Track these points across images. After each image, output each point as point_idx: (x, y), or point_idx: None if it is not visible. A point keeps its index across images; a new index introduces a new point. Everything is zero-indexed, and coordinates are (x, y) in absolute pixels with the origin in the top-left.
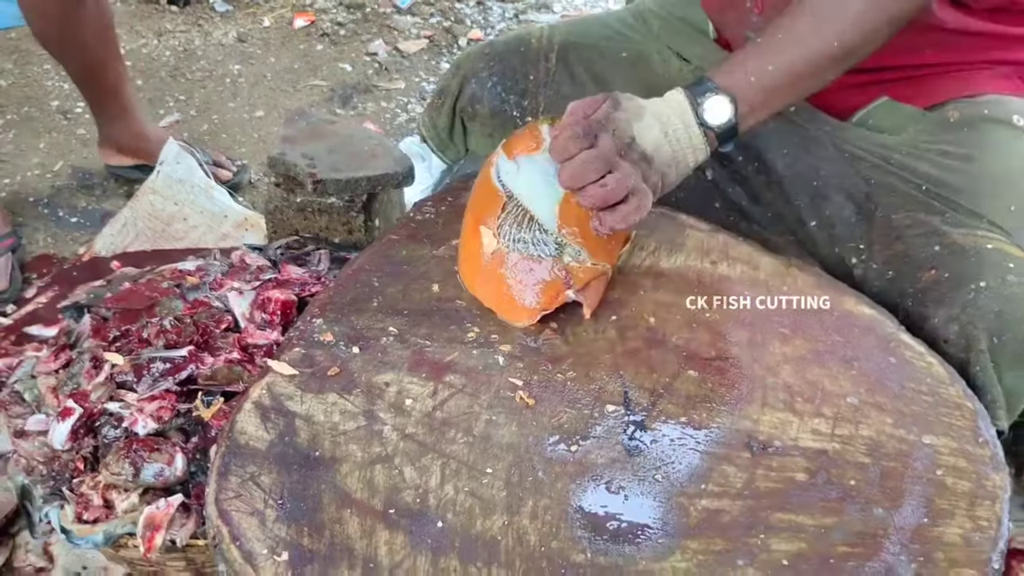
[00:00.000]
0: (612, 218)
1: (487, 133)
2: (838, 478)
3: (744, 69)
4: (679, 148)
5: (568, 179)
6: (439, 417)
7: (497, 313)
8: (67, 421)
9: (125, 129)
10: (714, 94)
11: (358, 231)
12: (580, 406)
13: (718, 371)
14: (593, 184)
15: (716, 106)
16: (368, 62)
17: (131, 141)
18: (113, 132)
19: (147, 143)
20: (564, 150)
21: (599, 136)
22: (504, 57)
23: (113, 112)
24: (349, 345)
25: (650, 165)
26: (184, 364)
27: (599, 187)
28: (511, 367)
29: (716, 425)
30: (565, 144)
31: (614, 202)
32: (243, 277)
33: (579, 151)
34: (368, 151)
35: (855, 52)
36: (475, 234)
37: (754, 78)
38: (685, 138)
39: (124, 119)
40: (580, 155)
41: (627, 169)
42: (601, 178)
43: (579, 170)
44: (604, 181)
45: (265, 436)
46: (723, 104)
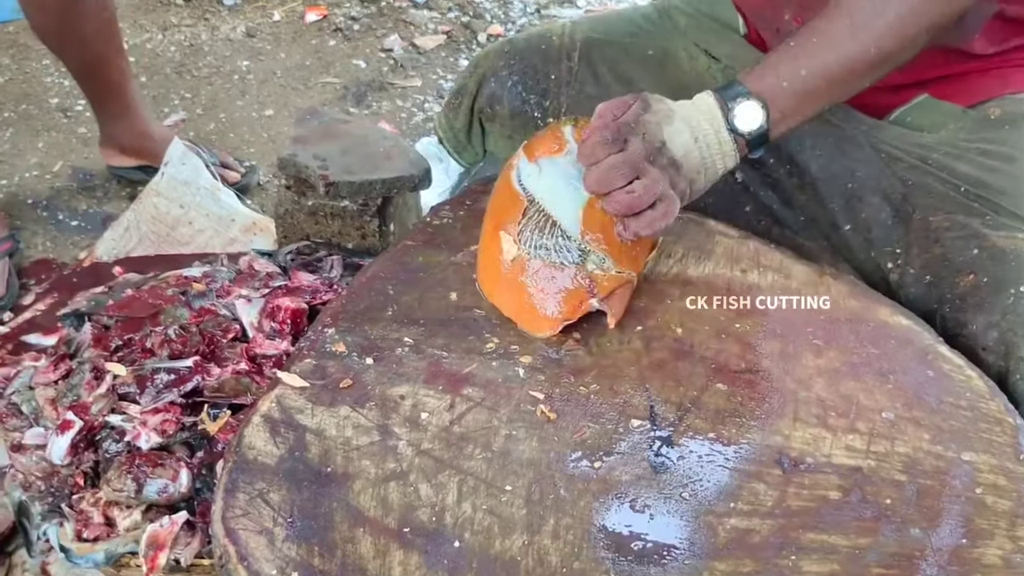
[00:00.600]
0: (637, 224)
1: (506, 134)
2: (873, 497)
3: (777, 73)
4: (708, 154)
5: (594, 184)
6: (456, 432)
7: (517, 323)
8: (66, 435)
9: (128, 128)
10: (745, 99)
11: (372, 236)
12: (604, 421)
13: (748, 384)
14: (620, 190)
15: (747, 112)
16: (383, 58)
17: (134, 141)
18: (115, 131)
19: (151, 143)
20: (592, 154)
21: (628, 140)
22: (524, 55)
23: (115, 110)
24: (362, 356)
25: (679, 171)
26: (189, 375)
27: (626, 193)
28: (532, 379)
29: (746, 441)
30: (593, 148)
31: (641, 209)
32: (251, 284)
33: (607, 155)
34: (383, 152)
35: (892, 59)
36: (494, 240)
37: (787, 83)
38: (715, 144)
39: (127, 118)
40: (608, 159)
41: (655, 175)
42: (628, 183)
43: (606, 175)
44: (631, 187)
45: (274, 451)
46: (754, 110)
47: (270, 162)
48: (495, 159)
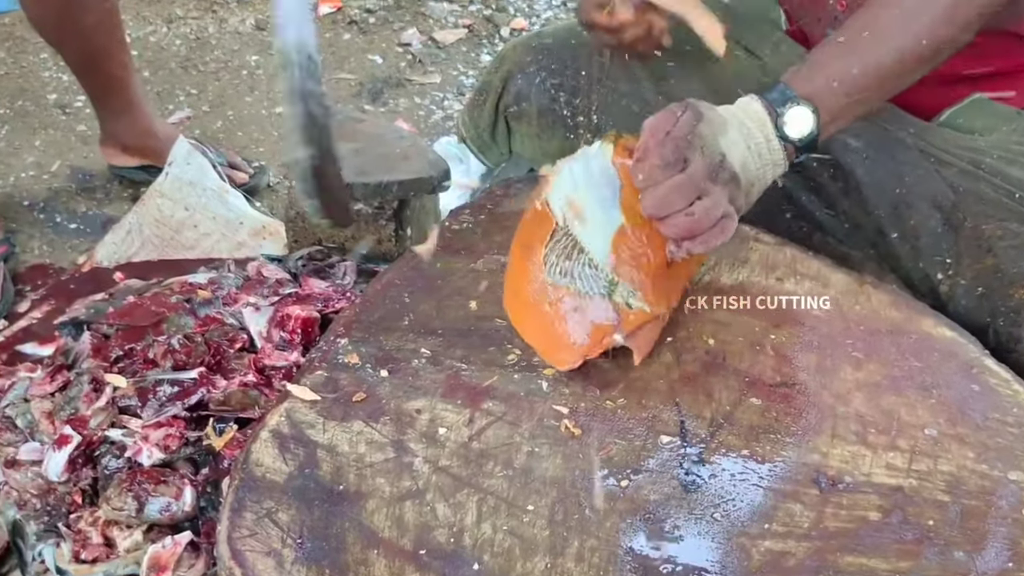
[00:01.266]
0: (693, 245)
1: (534, 133)
2: (915, 518)
3: (825, 74)
4: (760, 164)
5: (653, 208)
6: (476, 448)
7: (538, 352)
8: (64, 450)
9: (130, 125)
10: (795, 104)
11: (388, 241)
12: (631, 437)
13: (784, 399)
14: (679, 212)
15: (797, 117)
16: (400, 53)
17: (137, 139)
18: (117, 129)
19: (155, 141)
20: (650, 177)
21: (689, 159)
22: (553, 50)
23: (117, 106)
24: (377, 368)
25: (738, 186)
26: (194, 388)
27: (685, 216)
28: (556, 393)
29: (781, 459)
30: (651, 170)
31: (701, 232)
32: (260, 291)
33: (667, 177)
34: (399, 152)
35: (946, 47)
36: (520, 261)
37: (837, 83)
38: (766, 152)
39: (129, 114)
40: (668, 181)
41: (718, 196)
42: (689, 205)
43: (666, 198)
44: (692, 209)
45: (283, 468)
46: (805, 115)
47: (280, 162)
48: (520, 160)
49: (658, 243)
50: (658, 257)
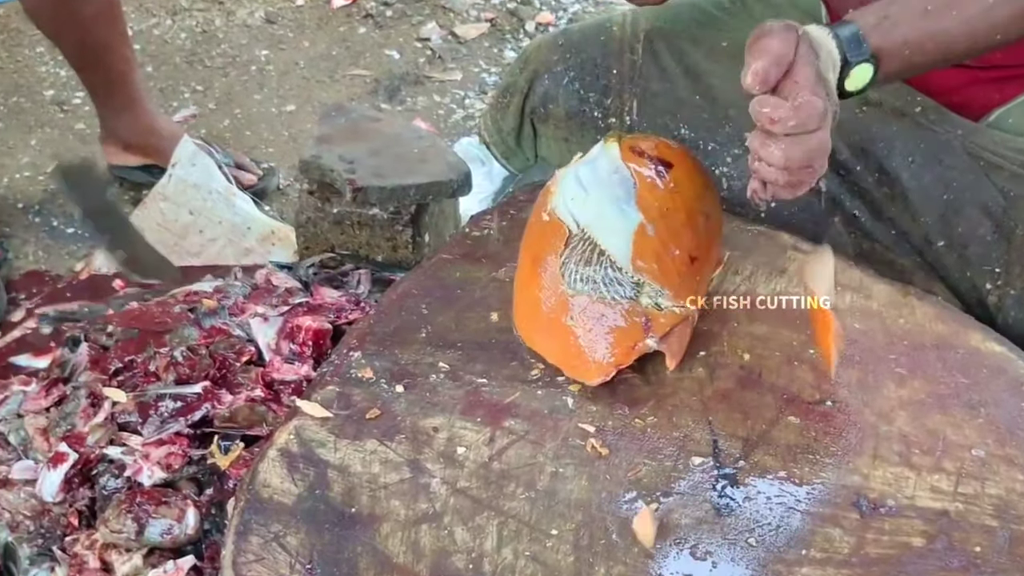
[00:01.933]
0: (785, 190)
1: (562, 137)
2: (961, 543)
3: (902, 34)
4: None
5: (789, 125)
6: (496, 469)
7: (563, 369)
8: (59, 468)
9: (132, 122)
10: (864, 60)
11: (404, 248)
12: (661, 457)
13: (823, 417)
14: (798, 139)
15: (861, 73)
16: (419, 49)
17: (139, 137)
18: (118, 126)
19: (158, 140)
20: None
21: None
22: (581, 48)
23: (118, 102)
24: (392, 383)
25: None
26: (198, 403)
27: (801, 144)
28: (581, 411)
29: (820, 481)
30: (807, 116)
31: (800, 168)
32: (269, 301)
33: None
34: (417, 154)
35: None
36: (532, 275)
37: (908, 50)
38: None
39: (131, 111)
40: (810, 97)
41: (826, 136)
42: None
43: (805, 114)
44: (813, 170)
45: (292, 489)
46: (867, 73)
47: (291, 164)
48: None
49: (681, 238)
50: (682, 253)
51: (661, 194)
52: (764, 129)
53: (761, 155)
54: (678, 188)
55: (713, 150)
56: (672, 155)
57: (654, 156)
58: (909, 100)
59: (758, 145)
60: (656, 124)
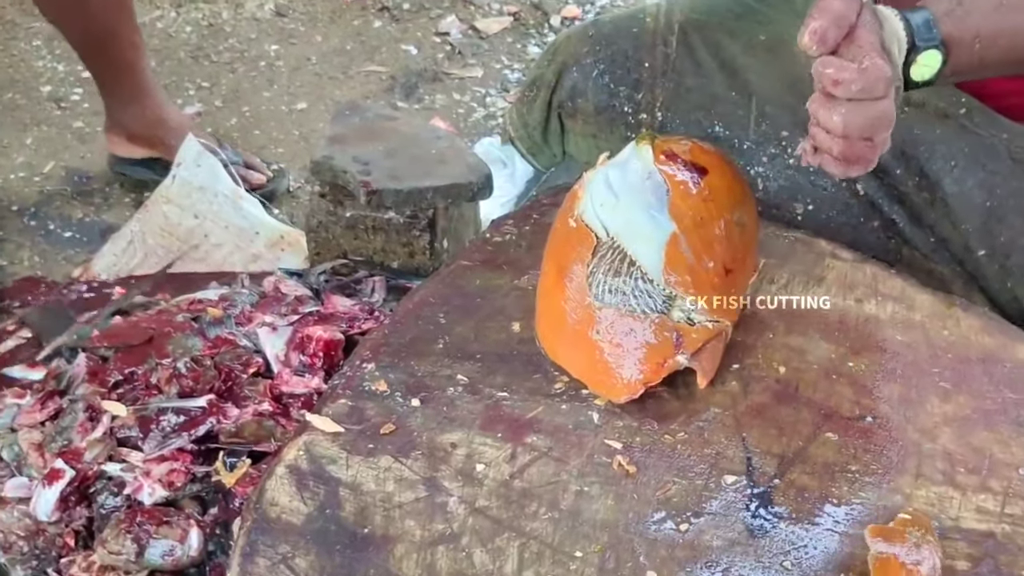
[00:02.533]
0: (848, 167)
1: (590, 133)
2: (1008, 567)
3: (976, 25)
4: None
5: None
6: (518, 487)
7: (589, 385)
8: (55, 486)
9: (139, 112)
10: (933, 48)
11: (421, 254)
12: (692, 475)
13: (862, 434)
14: (861, 105)
15: (929, 59)
16: (438, 44)
17: (146, 128)
18: (124, 115)
19: (165, 132)
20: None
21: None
22: (612, 40)
23: (125, 92)
24: (407, 396)
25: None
26: (202, 417)
27: (863, 112)
28: (608, 426)
29: (859, 501)
30: (875, 83)
31: (859, 138)
32: (277, 310)
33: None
34: (436, 155)
35: None
36: (557, 285)
37: (979, 44)
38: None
39: (139, 101)
40: (877, 60)
41: (890, 106)
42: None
43: (871, 77)
44: (873, 109)
45: (302, 508)
46: (935, 60)
47: (302, 165)
48: (573, 163)
49: (715, 249)
50: (717, 265)
51: (695, 202)
52: (826, 92)
53: (819, 119)
54: (713, 196)
55: (748, 149)
56: (707, 160)
57: (688, 161)
58: (954, 101)
59: (816, 108)
60: (689, 121)
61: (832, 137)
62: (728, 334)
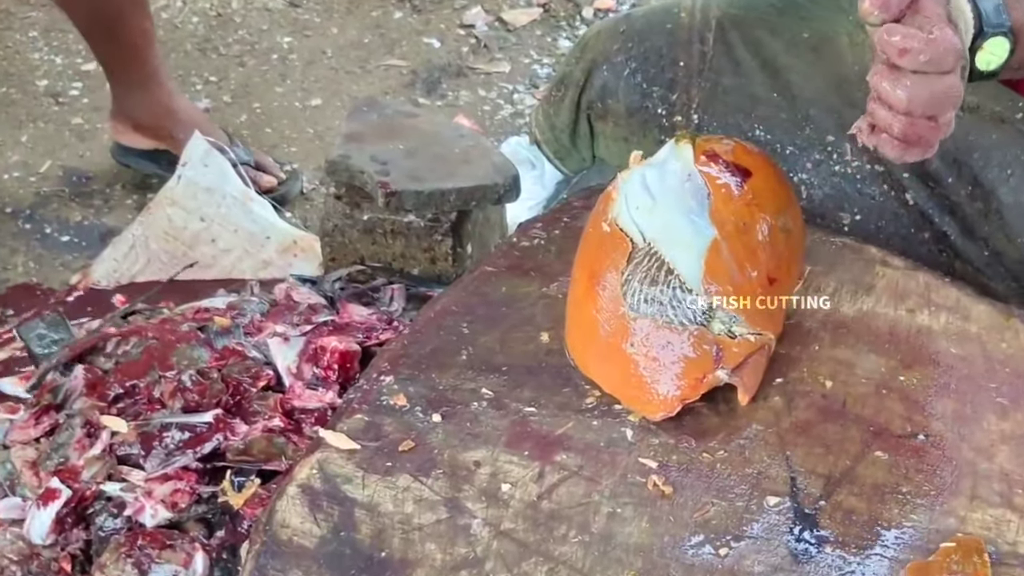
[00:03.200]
0: (909, 151)
1: (621, 136)
2: None
3: None
4: None
5: (920, 60)
6: (546, 508)
7: (622, 401)
8: (50, 507)
9: (147, 101)
10: (1002, 35)
11: (443, 260)
12: (732, 497)
13: (914, 453)
14: (928, 79)
15: (996, 47)
16: (462, 37)
17: (153, 117)
18: (130, 103)
19: (174, 123)
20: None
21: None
22: (645, 36)
23: (132, 78)
24: (428, 411)
25: None
26: (208, 433)
27: (929, 85)
28: (642, 444)
29: (910, 524)
30: (942, 58)
31: (922, 116)
32: (289, 319)
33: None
34: (459, 154)
35: None
36: (589, 294)
37: None
38: None
39: (147, 89)
40: (946, 30)
41: (957, 82)
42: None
43: (940, 47)
44: (939, 83)
45: (315, 531)
46: (1003, 48)
47: (316, 165)
48: (604, 168)
49: (758, 257)
50: (760, 274)
51: (738, 206)
52: (890, 63)
53: (881, 93)
54: (757, 199)
55: (791, 154)
56: (751, 161)
57: (730, 162)
58: (1011, 105)
59: (878, 81)
60: (727, 124)
61: (894, 113)
62: (771, 347)
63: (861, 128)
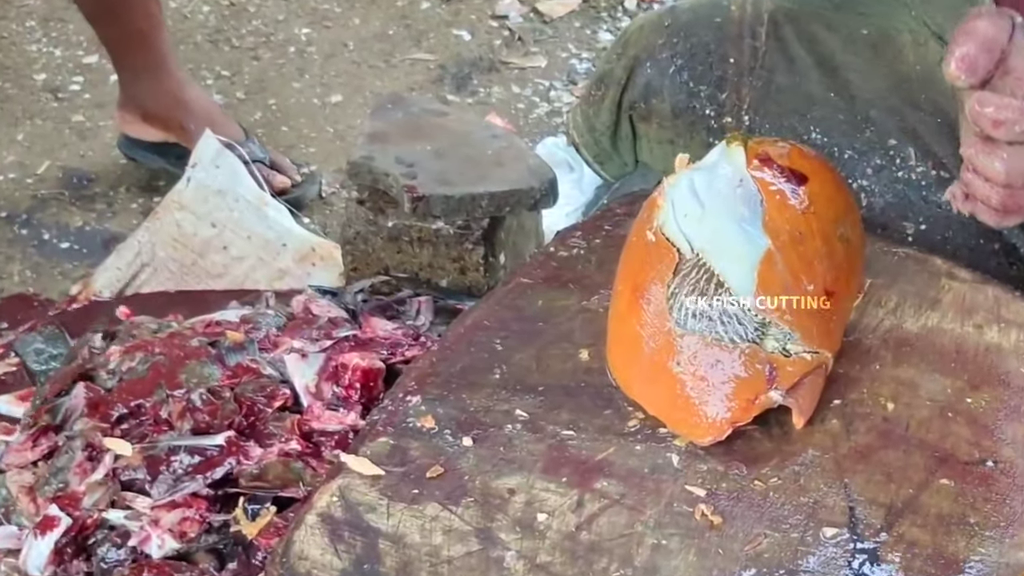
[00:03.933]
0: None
1: (667, 139)
2: None
3: None
4: None
5: (1017, 131)
6: (585, 540)
7: (668, 424)
8: (49, 536)
9: (156, 88)
10: None
11: (474, 270)
12: (786, 528)
13: (982, 480)
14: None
15: None
16: (495, 29)
17: (163, 107)
18: (138, 90)
19: (185, 113)
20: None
21: None
22: (692, 31)
23: (139, 64)
24: (458, 435)
25: None
26: (220, 457)
27: None
28: (689, 470)
29: (978, 557)
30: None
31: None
32: (308, 334)
33: None
34: (492, 156)
35: None
36: (632, 308)
37: None
38: None
39: (155, 76)
40: None
41: None
42: None
43: None
44: None
45: (335, 563)
46: None
47: (336, 167)
48: (647, 172)
49: (815, 269)
50: (817, 287)
51: (793, 214)
52: (984, 135)
53: (977, 166)
54: (814, 207)
55: (850, 159)
56: (807, 166)
57: (785, 167)
58: None
59: (974, 154)
60: (781, 126)
61: (992, 186)
62: (829, 366)
63: (955, 194)
